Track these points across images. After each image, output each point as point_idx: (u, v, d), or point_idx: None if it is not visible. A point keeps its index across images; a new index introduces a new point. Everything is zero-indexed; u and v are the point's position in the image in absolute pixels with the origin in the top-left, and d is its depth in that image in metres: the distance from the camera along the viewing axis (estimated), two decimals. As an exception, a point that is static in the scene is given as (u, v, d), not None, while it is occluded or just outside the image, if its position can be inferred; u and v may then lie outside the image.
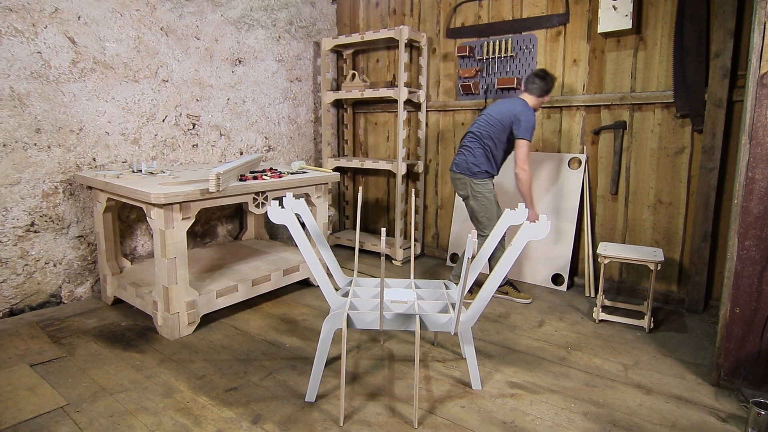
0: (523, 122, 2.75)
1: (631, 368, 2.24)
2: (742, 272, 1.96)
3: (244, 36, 3.73)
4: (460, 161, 2.95)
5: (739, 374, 2.02)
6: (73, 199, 2.86)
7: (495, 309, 2.94)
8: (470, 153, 2.90)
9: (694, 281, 2.89)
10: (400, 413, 1.85)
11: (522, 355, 2.36)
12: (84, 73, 2.83)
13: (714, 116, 2.72)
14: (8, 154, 2.58)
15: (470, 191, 2.90)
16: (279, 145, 4.16)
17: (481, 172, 2.87)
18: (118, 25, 2.96)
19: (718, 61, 2.68)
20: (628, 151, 3.11)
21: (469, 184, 2.90)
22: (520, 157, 2.77)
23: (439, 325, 1.85)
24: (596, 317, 2.75)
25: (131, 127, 3.10)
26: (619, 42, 3.06)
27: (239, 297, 2.77)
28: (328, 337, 1.87)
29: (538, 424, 1.80)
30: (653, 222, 3.07)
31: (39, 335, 2.44)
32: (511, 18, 3.48)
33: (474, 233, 1.52)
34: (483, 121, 2.91)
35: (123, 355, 2.27)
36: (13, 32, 2.54)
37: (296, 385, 2.03)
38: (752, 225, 1.92)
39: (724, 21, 2.64)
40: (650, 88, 2.98)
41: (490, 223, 2.88)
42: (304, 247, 1.88)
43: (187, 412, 1.83)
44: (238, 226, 3.89)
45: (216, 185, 2.32)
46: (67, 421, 1.75)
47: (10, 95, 2.56)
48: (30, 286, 2.73)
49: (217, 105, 3.61)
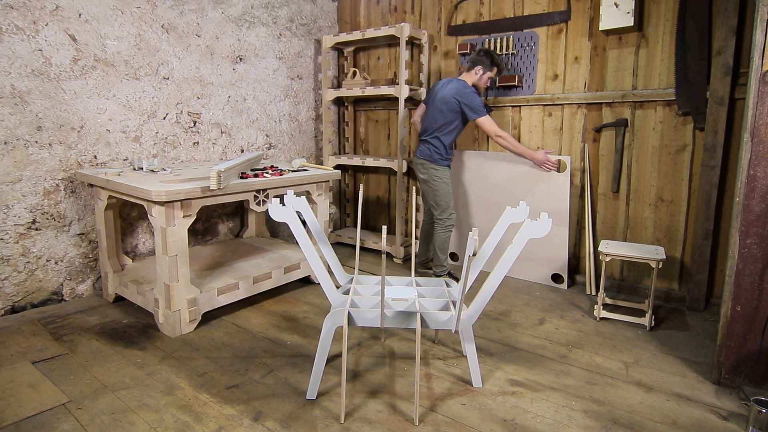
0: (470, 106, 3.05)
1: (631, 366, 2.24)
2: (743, 270, 1.96)
3: (245, 33, 3.73)
4: (423, 149, 3.26)
5: (740, 372, 2.02)
6: (75, 197, 2.86)
7: (496, 307, 2.94)
8: (432, 145, 3.21)
9: (695, 279, 2.89)
10: (401, 411, 1.85)
11: (523, 352, 2.36)
12: (85, 70, 2.83)
13: (716, 114, 2.72)
14: (9, 151, 2.58)
15: (431, 175, 3.21)
16: (280, 142, 4.16)
17: (442, 159, 3.19)
18: (119, 22, 2.96)
19: (720, 58, 2.67)
20: (629, 149, 3.10)
21: (429, 168, 3.21)
22: (489, 131, 3.08)
23: (440, 322, 1.85)
24: (597, 315, 2.75)
25: (132, 125, 3.10)
26: (620, 39, 3.05)
27: (240, 294, 2.77)
28: (329, 335, 1.87)
29: (539, 421, 1.80)
30: (654, 220, 3.07)
31: (41, 332, 2.45)
32: (512, 15, 3.47)
33: (475, 231, 1.51)
34: (434, 114, 3.18)
35: (124, 353, 2.27)
36: (14, 30, 2.54)
37: (297, 382, 2.04)
38: (754, 223, 1.92)
39: (726, 18, 2.63)
40: (652, 85, 2.97)
41: (447, 207, 3.20)
42: (305, 244, 1.88)
43: (189, 409, 1.84)
44: (239, 224, 3.90)
45: (217, 183, 2.32)
46: (69, 418, 1.76)
47: (11, 93, 2.56)
48: (32, 284, 2.74)
49: (218, 102, 3.61)
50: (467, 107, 3.06)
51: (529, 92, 3.45)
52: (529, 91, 3.45)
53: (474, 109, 3.04)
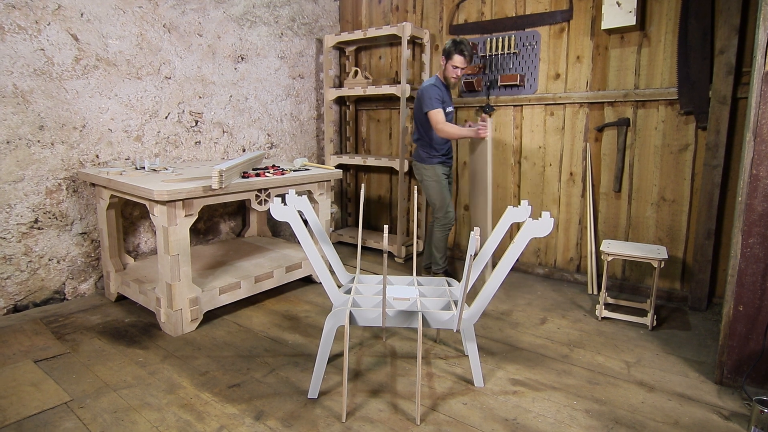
0: (423, 99, 3.04)
1: (633, 366, 2.24)
2: (745, 270, 1.95)
3: (247, 33, 3.73)
4: (415, 150, 3.34)
5: (742, 372, 2.02)
6: (77, 196, 2.87)
7: (497, 306, 2.94)
8: (419, 145, 3.26)
9: (697, 279, 2.89)
10: (403, 410, 1.85)
11: (524, 352, 2.36)
12: (87, 70, 2.83)
13: (718, 113, 2.71)
14: (12, 151, 2.59)
15: (422, 175, 3.24)
16: (281, 142, 4.16)
17: (428, 157, 3.19)
18: (121, 22, 2.96)
19: (722, 57, 2.67)
20: (631, 149, 3.09)
21: (420, 168, 3.24)
22: (433, 123, 3.02)
23: (442, 322, 1.85)
24: (599, 315, 2.75)
25: (134, 124, 3.10)
26: (622, 38, 3.04)
27: (242, 294, 2.77)
28: (330, 334, 1.87)
29: (541, 421, 1.80)
30: (656, 219, 3.06)
31: (43, 331, 2.45)
32: (514, 14, 3.47)
33: (477, 230, 1.51)
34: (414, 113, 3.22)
35: (126, 352, 2.28)
36: (17, 29, 2.54)
37: (299, 381, 2.04)
38: (756, 222, 1.91)
39: (729, 17, 2.62)
40: (654, 84, 2.97)
41: (441, 206, 3.17)
42: (307, 244, 1.88)
43: (191, 408, 1.84)
44: (240, 223, 3.90)
45: (219, 182, 2.33)
46: (71, 417, 1.76)
47: (14, 92, 2.56)
48: (34, 283, 2.75)
49: (219, 102, 3.61)
50: (421, 101, 3.06)
51: (531, 92, 3.45)
52: (531, 90, 3.45)
53: (425, 102, 3.02)
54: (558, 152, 3.38)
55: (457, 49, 2.99)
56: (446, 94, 3.13)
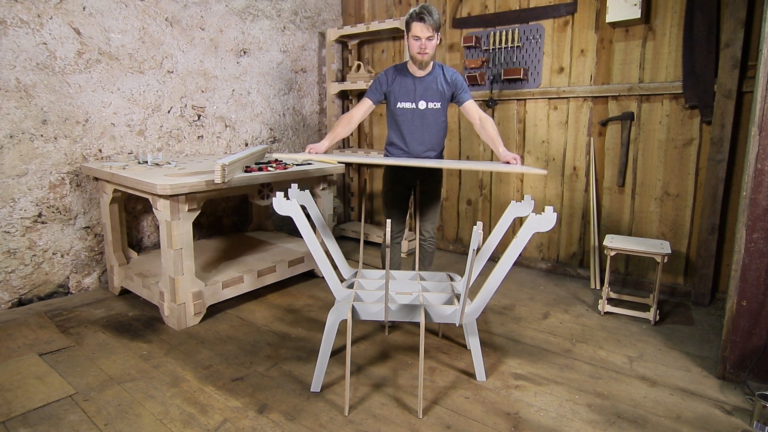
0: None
1: (636, 360, 2.24)
2: (749, 265, 1.95)
3: (249, 26, 3.71)
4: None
5: (744, 367, 2.02)
6: (80, 191, 2.88)
7: (500, 301, 2.94)
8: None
9: (700, 274, 2.88)
10: (405, 404, 1.86)
11: (526, 346, 2.36)
12: (89, 64, 2.83)
13: (723, 107, 2.69)
14: (15, 145, 2.59)
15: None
16: (284, 136, 4.15)
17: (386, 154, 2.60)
18: (123, 15, 2.95)
19: (728, 51, 2.64)
20: (635, 143, 3.08)
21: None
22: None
23: (444, 316, 1.85)
24: (601, 309, 2.75)
25: (137, 119, 3.10)
26: (627, 32, 3.02)
27: (245, 288, 2.78)
28: (333, 328, 1.88)
29: (542, 415, 1.81)
30: (660, 214, 3.05)
31: (47, 325, 2.47)
32: (518, 8, 3.44)
33: (480, 225, 1.51)
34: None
35: (130, 345, 2.29)
36: (19, 23, 2.54)
37: (301, 375, 2.05)
38: (761, 217, 1.90)
39: (735, 10, 2.60)
40: (659, 78, 2.94)
41: (387, 211, 2.61)
42: (309, 238, 1.89)
43: (194, 401, 1.85)
44: (243, 218, 3.90)
45: (221, 177, 2.33)
46: (76, 410, 1.78)
47: (17, 86, 2.56)
48: (38, 277, 2.76)
49: (222, 96, 3.60)
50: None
51: (535, 85, 3.43)
52: (535, 84, 3.43)
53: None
54: (561, 147, 3.37)
55: (413, 15, 2.24)
56: (405, 83, 2.37)
